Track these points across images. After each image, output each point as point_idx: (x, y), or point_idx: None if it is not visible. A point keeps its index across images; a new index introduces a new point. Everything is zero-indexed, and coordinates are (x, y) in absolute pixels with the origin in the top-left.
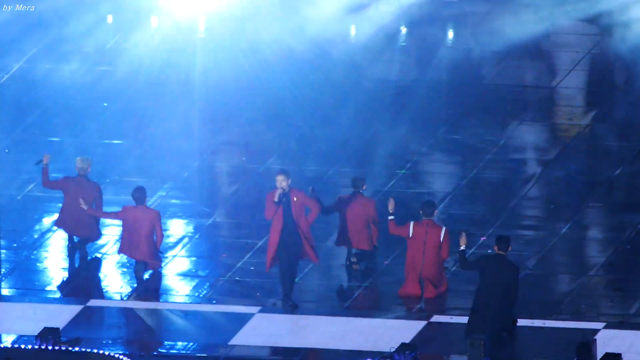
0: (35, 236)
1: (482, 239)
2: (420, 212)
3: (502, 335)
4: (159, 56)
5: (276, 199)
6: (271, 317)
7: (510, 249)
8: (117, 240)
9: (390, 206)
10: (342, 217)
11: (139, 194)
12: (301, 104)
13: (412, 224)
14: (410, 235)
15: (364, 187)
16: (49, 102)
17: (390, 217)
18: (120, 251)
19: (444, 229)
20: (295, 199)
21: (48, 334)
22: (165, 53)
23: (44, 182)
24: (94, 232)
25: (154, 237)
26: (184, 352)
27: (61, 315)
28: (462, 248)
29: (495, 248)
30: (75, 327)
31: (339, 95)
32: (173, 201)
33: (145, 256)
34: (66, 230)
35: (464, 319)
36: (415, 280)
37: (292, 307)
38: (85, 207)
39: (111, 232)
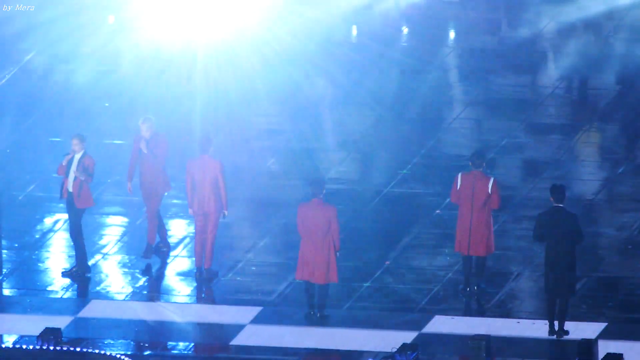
0: (37, 236)
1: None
2: (470, 163)
3: (569, 293)
4: (160, 56)
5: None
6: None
7: (566, 198)
8: (118, 241)
9: None
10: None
11: (205, 143)
12: (301, 103)
13: (459, 175)
14: (459, 187)
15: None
16: (51, 102)
17: None
18: (190, 206)
19: (492, 179)
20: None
21: (49, 334)
22: (166, 53)
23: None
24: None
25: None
26: (184, 352)
27: (62, 315)
28: None
29: (552, 199)
30: (76, 327)
31: (341, 95)
32: (174, 201)
33: (212, 210)
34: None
35: (465, 320)
36: (465, 239)
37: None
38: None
39: (112, 232)
